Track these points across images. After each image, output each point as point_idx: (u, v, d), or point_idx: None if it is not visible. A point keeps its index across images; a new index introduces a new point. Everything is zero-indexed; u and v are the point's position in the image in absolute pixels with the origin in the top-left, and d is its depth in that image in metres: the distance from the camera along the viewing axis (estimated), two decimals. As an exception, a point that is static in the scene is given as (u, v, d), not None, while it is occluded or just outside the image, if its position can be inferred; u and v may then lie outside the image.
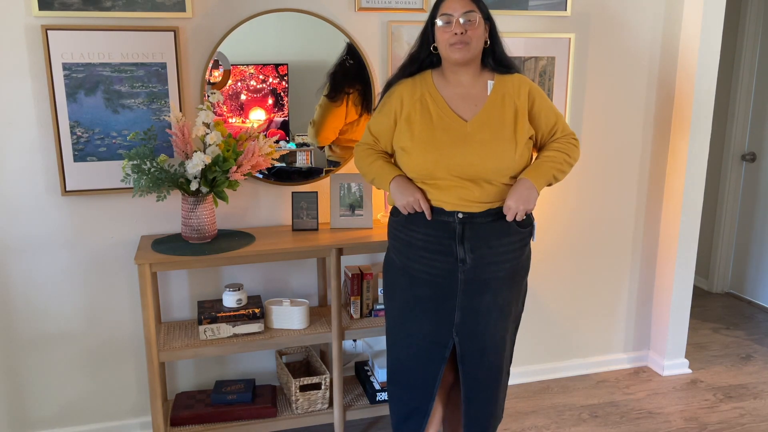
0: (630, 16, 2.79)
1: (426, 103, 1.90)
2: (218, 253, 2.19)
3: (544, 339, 3.04)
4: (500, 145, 1.84)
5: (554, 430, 2.66)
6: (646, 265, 3.11)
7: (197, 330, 2.39)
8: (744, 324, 3.74)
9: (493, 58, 1.93)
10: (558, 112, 1.98)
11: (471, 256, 1.87)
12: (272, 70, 2.46)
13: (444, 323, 1.92)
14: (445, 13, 1.84)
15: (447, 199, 1.86)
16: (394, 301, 2.01)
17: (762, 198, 3.92)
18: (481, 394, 1.99)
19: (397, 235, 1.98)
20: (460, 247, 1.87)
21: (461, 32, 1.81)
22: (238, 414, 2.38)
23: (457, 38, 1.81)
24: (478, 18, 1.84)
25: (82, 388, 2.51)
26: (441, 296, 1.91)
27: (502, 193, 1.86)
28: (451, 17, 1.82)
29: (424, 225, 1.89)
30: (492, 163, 1.82)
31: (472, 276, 1.88)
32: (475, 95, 1.90)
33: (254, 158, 2.24)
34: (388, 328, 2.06)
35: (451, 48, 1.83)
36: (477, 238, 1.87)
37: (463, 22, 1.81)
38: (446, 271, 1.89)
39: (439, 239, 1.88)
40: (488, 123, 1.86)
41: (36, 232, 2.34)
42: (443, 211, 1.87)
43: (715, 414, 2.78)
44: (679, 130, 2.91)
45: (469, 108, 1.88)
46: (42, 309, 2.40)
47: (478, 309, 1.90)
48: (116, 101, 2.28)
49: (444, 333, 1.92)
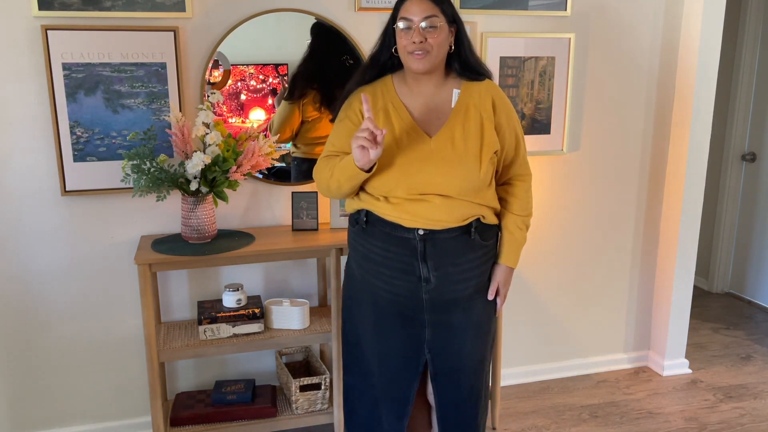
0: (630, 16, 2.79)
1: (389, 115, 1.75)
2: (218, 253, 2.19)
3: (544, 339, 3.04)
4: (465, 164, 1.71)
5: (554, 430, 2.65)
6: (646, 265, 3.11)
7: (197, 330, 2.39)
8: (744, 324, 3.74)
9: (459, 63, 1.78)
10: (520, 133, 1.85)
11: (435, 275, 1.73)
12: (272, 70, 2.46)
13: (415, 340, 1.79)
14: (404, 17, 1.68)
15: (405, 215, 1.71)
16: (360, 316, 1.86)
17: (762, 198, 3.92)
18: (459, 417, 1.86)
19: (356, 247, 1.84)
20: (423, 265, 1.73)
21: (420, 40, 1.66)
22: (238, 414, 2.38)
23: (415, 46, 1.67)
24: (441, 23, 1.68)
25: (82, 388, 2.51)
26: (407, 314, 1.78)
27: (465, 209, 1.73)
28: (411, 22, 1.66)
29: (382, 239, 1.75)
30: (455, 183, 1.70)
31: (437, 295, 1.75)
32: (438, 106, 1.76)
33: (254, 158, 2.24)
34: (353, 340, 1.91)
35: (410, 57, 1.69)
36: (440, 256, 1.73)
37: (423, 28, 1.66)
38: (408, 291, 1.75)
39: (399, 256, 1.74)
40: (452, 139, 1.72)
41: (36, 232, 2.34)
42: (401, 227, 1.72)
43: (715, 414, 2.78)
44: (679, 130, 2.91)
45: (433, 121, 1.74)
46: (42, 309, 2.40)
47: (450, 325, 1.78)
48: (116, 101, 2.28)
49: (415, 349, 1.80)
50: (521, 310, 2.95)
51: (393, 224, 1.74)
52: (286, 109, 2.49)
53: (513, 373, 3.00)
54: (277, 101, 2.48)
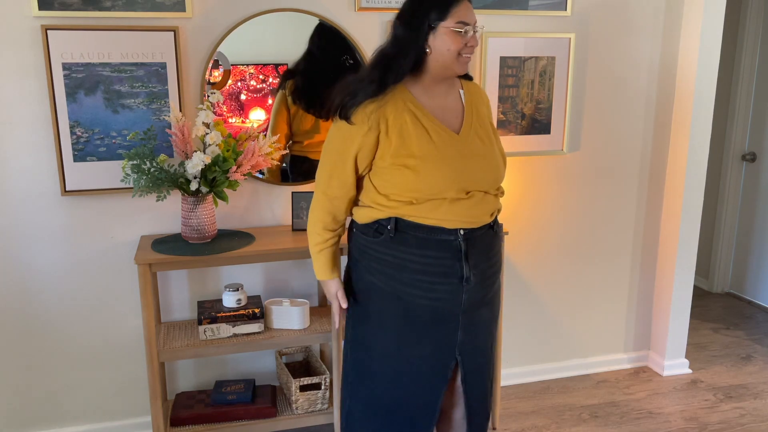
0: (630, 15, 2.79)
1: (416, 119, 1.69)
2: (218, 253, 2.19)
3: (544, 339, 3.03)
4: (493, 155, 1.77)
5: (554, 430, 2.65)
6: (646, 265, 3.11)
7: (197, 330, 2.39)
8: (744, 324, 3.74)
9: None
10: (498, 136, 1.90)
11: (474, 272, 1.74)
12: (272, 70, 2.46)
13: (446, 344, 1.78)
14: (462, 21, 1.64)
15: (450, 216, 1.69)
16: (386, 335, 1.78)
17: (762, 198, 3.92)
18: (483, 407, 1.91)
19: (381, 258, 1.75)
20: (465, 264, 1.72)
21: (476, 45, 1.69)
22: (238, 414, 2.38)
23: (471, 50, 1.68)
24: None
25: (82, 388, 2.51)
26: (442, 319, 1.75)
27: (494, 203, 1.78)
28: (469, 27, 1.66)
29: (418, 245, 1.71)
30: (491, 175, 1.75)
31: (474, 294, 1.75)
32: (451, 106, 1.77)
33: (254, 158, 2.24)
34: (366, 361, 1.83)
35: (459, 59, 1.68)
36: (478, 253, 1.75)
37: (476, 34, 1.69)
38: (449, 293, 1.73)
39: (440, 260, 1.71)
40: (476, 134, 1.76)
41: (36, 232, 2.34)
42: (443, 229, 1.70)
43: (715, 414, 2.78)
44: (679, 130, 2.91)
45: (452, 120, 1.75)
46: (42, 309, 2.40)
47: (477, 324, 1.80)
48: (116, 101, 2.28)
49: (446, 354, 1.78)
50: (521, 311, 2.95)
51: (432, 228, 1.70)
52: (277, 99, 2.48)
53: (513, 373, 3.00)
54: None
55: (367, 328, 1.83)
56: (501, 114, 2.70)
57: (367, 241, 1.77)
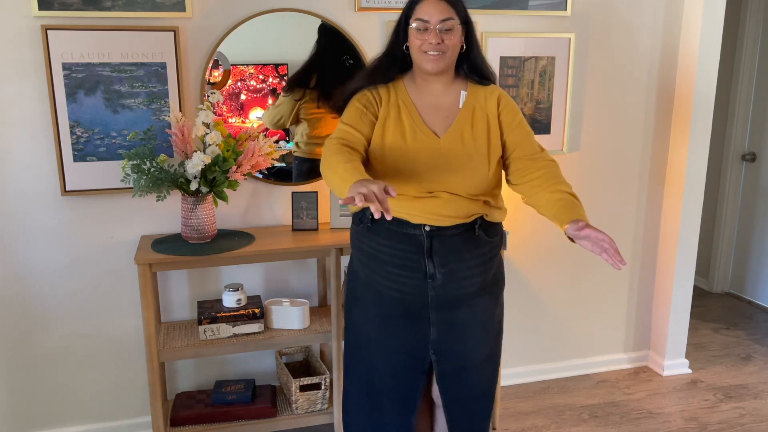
0: (630, 15, 2.79)
1: (399, 112, 1.75)
2: (218, 253, 2.19)
3: (544, 339, 3.04)
4: (474, 163, 1.72)
5: (554, 430, 2.65)
6: (646, 265, 3.11)
7: (197, 330, 2.39)
8: (744, 324, 3.74)
9: (467, 65, 1.79)
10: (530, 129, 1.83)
11: (441, 271, 1.73)
12: (272, 70, 2.46)
13: (418, 339, 1.78)
14: (420, 19, 1.67)
15: (413, 211, 1.71)
16: (364, 316, 1.85)
17: (762, 198, 3.92)
18: (467, 415, 1.86)
19: (360, 246, 1.83)
20: (429, 261, 1.73)
21: (437, 42, 1.66)
22: (238, 414, 2.38)
23: (431, 47, 1.67)
24: (456, 25, 1.69)
25: (82, 388, 2.51)
26: (412, 313, 1.77)
27: (472, 206, 1.73)
28: (427, 24, 1.67)
29: (388, 237, 1.75)
30: (465, 181, 1.71)
31: (443, 292, 1.75)
32: (446, 106, 1.77)
33: (254, 158, 2.24)
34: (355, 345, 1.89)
35: (424, 56, 1.69)
36: (447, 252, 1.73)
37: (439, 30, 1.66)
38: (415, 288, 1.75)
39: (405, 253, 1.74)
40: (461, 139, 1.73)
41: (35, 232, 2.34)
42: (408, 223, 1.72)
43: (715, 414, 2.78)
44: (679, 130, 2.91)
45: (441, 121, 1.75)
46: (42, 309, 2.40)
47: (455, 323, 1.78)
48: (116, 101, 2.28)
49: (419, 348, 1.79)
50: (521, 311, 2.95)
51: (400, 221, 1.73)
52: (284, 102, 2.48)
53: (513, 373, 3.00)
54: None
55: (354, 313, 1.90)
56: (501, 114, 2.70)
57: (353, 229, 1.87)
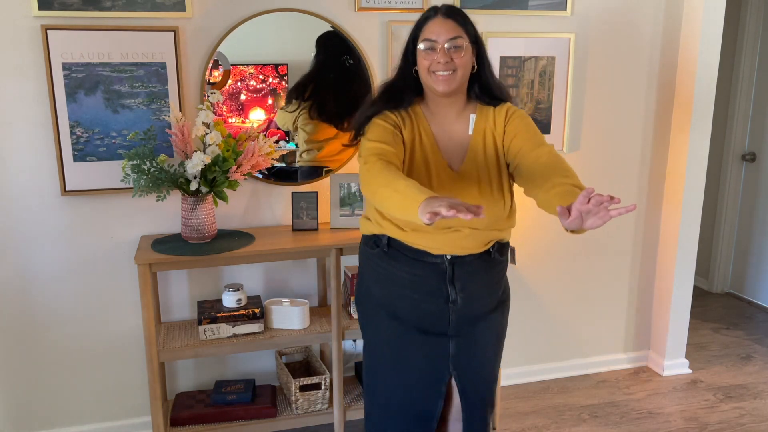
0: (630, 16, 2.79)
1: (423, 142, 1.70)
2: (218, 253, 2.19)
3: (544, 339, 3.04)
4: (490, 199, 1.70)
5: (554, 430, 2.65)
6: (646, 265, 3.11)
7: (197, 330, 2.39)
8: (744, 324, 3.74)
9: (479, 86, 1.74)
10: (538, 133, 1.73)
11: (461, 296, 1.73)
12: (272, 70, 2.46)
13: (438, 356, 1.75)
14: (428, 39, 1.64)
15: (433, 244, 1.70)
16: (378, 337, 1.82)
17: (762, 198, 3.92)
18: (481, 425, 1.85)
19: (376, 269, 1.80)
20: (450, 287, 1.72)
21: (446, 60, 1.62)
22: (238, 414, 2.38)
23: (440, 66, 1.63)
24: (465, 44, 1.65)
25: (82, 388, 2.51)
26: (431, 332, 1.75)
27: (488, 236, 1.73)
28: (435, 43, 1.63)
29: (407, 264, 1.72)
30: (482, 221, 1.67)
31: (463, 314, 1.74)
32: (458, 133, 1.73)
33: (254, 158, 2.24)
34: (372, 366, 1.85)
35: (433, 77, 1.65)
36: (466, 277, 1.72)
37: (448, 49, 1.63)
38: (435, 312, 1.74)
39: (426, 279, 1.72)
40: (477, 173, 1.70)
41: (36, 232, 2.34)
42: (428, 253, 1.71)
43: (715, 414, 2.78)
44: (679, 130, 2.91)
45: (456, 152, 1.72)
46: (42, 309, 2.40)
47: (474, 337, 1.77)
48: (116, 101, 2.28)
49: (439, 366, 1.76)
50: (521, 311, 2.95)
51: (419, 251, 1.71)
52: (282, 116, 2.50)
53: (513, 373, 3.00)
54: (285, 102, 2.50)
55: (370, 333, 1.86)
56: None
57: (367, 252, 1.82)
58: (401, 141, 1.68)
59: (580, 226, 1.37)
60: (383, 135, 1.65)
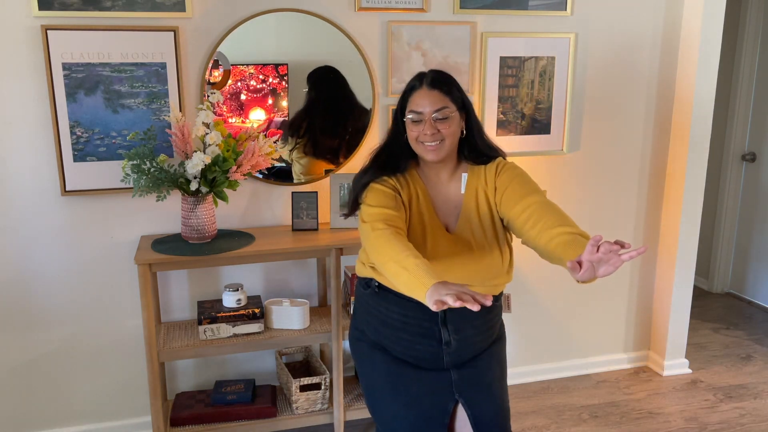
0: (630, 15, 2.79)
1: (420, 204, 1.70)
2: (218, 253, 2.19)
3: (544, 339, 3.04)
4: (487, 256, 1.69)
5: (554, 430, 2.65)
6: (646, 265, 3.11)
7: (197, 330, 2.39)
8: (744, 324, 3.74)
9: (468, 148, 1.73)
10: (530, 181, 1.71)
11: (455, 338, 1.70)
12: (272, 70, 2.46)
13: (439, 386, 1.71)
14: (413, 111, 1.64)
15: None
16: (376, 374, 1.77)
17: (762, 198, 3.92)
18: None
19: (370, 310, 1.78)
20: (444, 329, 1.69)
21: (432, 132, 1.62)
22: (238, 414, 2.38)
23: (427, 137, 1.62)
24: (452, 113, 1.64)
25: (82, 388, 2.51)
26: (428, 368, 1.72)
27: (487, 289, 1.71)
28: (422, 115, 1.63)
29: (399, 304, 1.69)
30: (479, 276, 1.68)
31: (458, 356, 1.72)
32: (452, 195, 1.73)
33: (254, 158, 2.24)
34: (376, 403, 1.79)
35: (422, 147, 1.65)
36: (460, 320, 1.70)
37: (434, 120, 1.62)
38: (429, 354, 1.71)
39: (419, 321, 1.69)
40: (471, 232, 1.69)
41: (36, 232, 2.34)
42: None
43: (715, 414, 2.78)
44: (679, 131, 2.91)
45: (451, 212, 1.72)
46: (42, 309, 2.40)
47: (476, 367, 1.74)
48: (116, 101, 2.28)
49: (443, 396, 1.70)
50: (521, 311, 2.95)
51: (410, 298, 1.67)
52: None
53: (513, 373, 3.00)
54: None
55: (366, 373, 1.83)
56: (501, 114, 2.70)
57: (360, 291, 1.83)
58: (401, 203, 1.67)
59: (593, 276, 1.36)
60: (385, 200, 1.64)
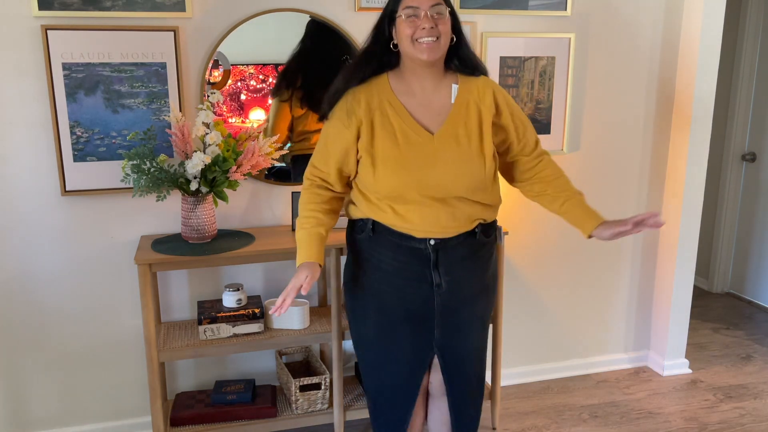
0: (630, 15, 2.79)
1: (386, 114, 1.70)
2: (218, 253, 2.19)
3: (544, 339, 3.04)
4: (470, 161, 1.69)
5: (554, 430, 2.65)
6: (646, 265, 3.11)
7: (197, 330, 2.39)
8: (744, 324, 3.74)
9: (458, 58, 1.74)
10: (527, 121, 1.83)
11: (446, 279, 1.76)
12: (272, 70, 2.46)
13: (424, 342, 1.82)
14: (410, 6, 1.63)
15: (417, 225, 1.71)
16: (367, 326, 1.86)
17: (762, 198, 3.92)
18: (467, 401, 1.92)
19: (363, 255, 1.82)
20: (435, 272, 1.75)
21: (431, 26, 1.61)
22: (238, 414, 2.38)
23: (425, 32, 1.61)
24: (446, 12, 1.65)
25: (82, 388, 2.51)
26: (417, 319, 1.80)
27: (473, 212, 1.74)
28: (418, 10, 1.62)
29: (392, 249, 1.74)
30: (463, 182, 1.69)
31: (448, 298, 1.78)
32: (437, 102, 1.72)
33: (254, 158, 2.24)
34: (364, 353, 1.91)
35: (418, 45, 1.63)
36: (451, 261, 1.75)
37: (431, 16, 1.62)
38: (421, 297, 1.77)
39: (410, 265, 1.75)
40: (456, 137, 1.70)
41: (36, 232, 2.34)
42: (413, 237, 1.72)
43: (715, 414, 2.78)
44: (679, 131, 2.91)
45: (433, 118, 1.71)
46: (42, 309, 2.40)
47: (458, 325, 1.82)
48: (116, 101, 2.28)
49: (425, 350, 1.83)
50: (521, 311, 2.95)
51: (403, 235, 1.73)
52: (276, 106, 2.49)
53: (513, 373, 3.00)
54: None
55: (356, 318, 1.91)
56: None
57: (355, 237, 1.85)
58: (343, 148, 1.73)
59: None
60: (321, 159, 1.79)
